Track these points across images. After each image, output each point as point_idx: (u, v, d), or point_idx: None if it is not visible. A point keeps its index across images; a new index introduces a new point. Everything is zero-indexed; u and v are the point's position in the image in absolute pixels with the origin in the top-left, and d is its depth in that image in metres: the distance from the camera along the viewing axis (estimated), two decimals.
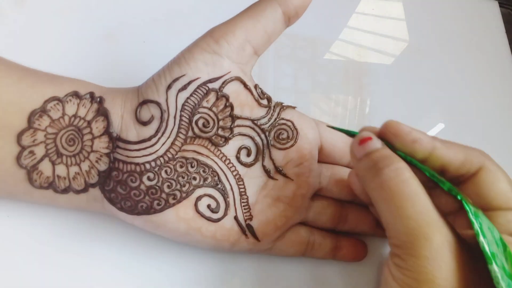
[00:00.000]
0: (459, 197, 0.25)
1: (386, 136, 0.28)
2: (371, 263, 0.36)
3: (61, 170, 0.29)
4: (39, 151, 0.29)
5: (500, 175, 0.27)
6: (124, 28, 0.43)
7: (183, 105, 0.29)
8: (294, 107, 0.33)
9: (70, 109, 0.29)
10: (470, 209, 0.24)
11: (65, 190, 0.29)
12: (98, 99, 0.30)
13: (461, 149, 0.27)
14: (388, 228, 0.26)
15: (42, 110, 0.28)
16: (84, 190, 0.30)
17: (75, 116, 0.29)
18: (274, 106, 0.32)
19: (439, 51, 0.51)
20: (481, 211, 0.26)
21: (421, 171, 0.27)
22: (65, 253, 0.32)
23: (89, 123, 0.29)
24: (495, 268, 0.22)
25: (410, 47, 0.51)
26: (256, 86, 0.31)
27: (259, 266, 0.35)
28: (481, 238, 0.23)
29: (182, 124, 0.29)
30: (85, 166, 0.29)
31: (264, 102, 0.32)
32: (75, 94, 0.29)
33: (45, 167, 0.29)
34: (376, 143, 0.27)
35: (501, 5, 0.56)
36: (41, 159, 0.29)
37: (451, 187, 0.26)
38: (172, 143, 0.29)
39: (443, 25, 0.53)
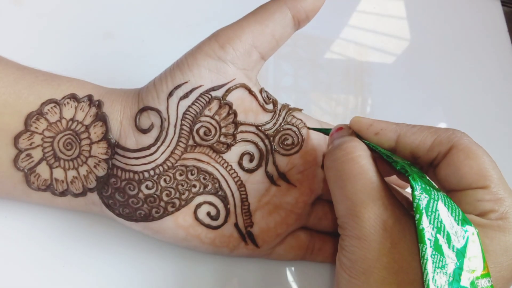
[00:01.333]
0: (408, 175, 0.24)
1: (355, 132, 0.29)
2: None
3: (59, 173, 0.29)
4: (36, 154, 0.28)
5: (472, 153, 0.25)
6: (123, 27, 0.42)
7: (184, 113, 0.29)
8: (300, 110, 0.33)
9: (68, 112, 0.29)
10: (415, 188, 0.23)
11: (63, 193, 0.29)
12: (97, 103, 0.29)
13: (430, 132, 0.27)
14: (335, 210, 0.26)
15: (39, 113, 0.28)
16: (82, 194, 0.29)
17: (72, 120, 0.29)
18: (280, 109, 0.31)
19: (440, 50, 0.51)
20: (442, 192, 0.25)
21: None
22: (63, 254, 0.32)
23: (87, 127, 0.29)
24: (427, 251, 0.22)
25: (411, 46, 0.50)
26: (261, 91, 0.31)
27: (260, 267, 0.35)
28: (418, 216, 0.22)
29: (183, 133, 0.29)
30: (83, 170, 0.29)
31: (270, 107, 0.31)
32: (73, 97, 0.29)
33: (43, 170, 0.29)
34: (344, 132, 0.28)
35: (503, 4, 0.55)
36: (39, 162, 0.28)
37: (403, 166, 0.25)
38: (172, 152, 0.29)
39: (445, 24, 0.53)
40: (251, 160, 0.31)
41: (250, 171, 0.31)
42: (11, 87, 0.28)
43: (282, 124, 0.31)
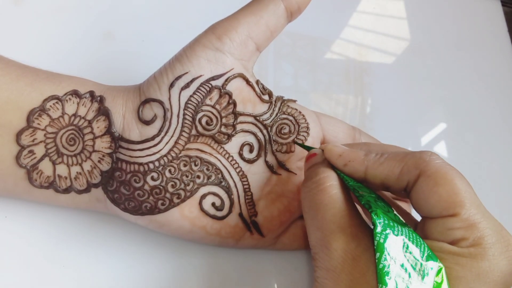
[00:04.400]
0: (371, 212, 0.24)
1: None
2: None
3: (62, 169, 0.29)
4: (39, 150, 0.28)
5: (441, 178, 0.24)
6: (123, 27, 0.42)
7: (186, 103, 0.29)
8: (295, 101, 0.33)
9: (70, 108, 0.29)
10: (377, 225, 0.22)
11: (67, 190, 0.29)
12: (99, 98, 0.29)
13: (397, 160, 0.26)
14: (309, 241, 0.26)
15: (41, 109, 0.28)
16: (87, 190, 0.29)
17: (75, 115, 0.29)
18: (275, 101, 0.32)
19: (440, 50, 0.51)
20: (407, 227, 0.24)
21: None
22: (63, 254, 0.32)
23: (89, 122, 0.29)
24: None
25: (411, 46, 0.50)
26: (257, 82, 0.31)
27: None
28: (378, 255, 0.22)
29: (186, 123, 0.29)
30: (87, 166, 0.29)
31: (266, 97, 0.32)
32: (75, 93, 0.29)
33: (46, 167, 0.29)
34: (318, 158, 0.28)
35: (503, 4, 0.56)
36: (41, 159, 0.28)
37: (368, 201, 0.25)
38: (176, 142, 0.29)
39: (445, 24, 0.53)
40: (251, 151, 0.32)
41: (250, 161, 0.32)
42: (13, 84, 0.28)
43: (278, 114, 0.32)
